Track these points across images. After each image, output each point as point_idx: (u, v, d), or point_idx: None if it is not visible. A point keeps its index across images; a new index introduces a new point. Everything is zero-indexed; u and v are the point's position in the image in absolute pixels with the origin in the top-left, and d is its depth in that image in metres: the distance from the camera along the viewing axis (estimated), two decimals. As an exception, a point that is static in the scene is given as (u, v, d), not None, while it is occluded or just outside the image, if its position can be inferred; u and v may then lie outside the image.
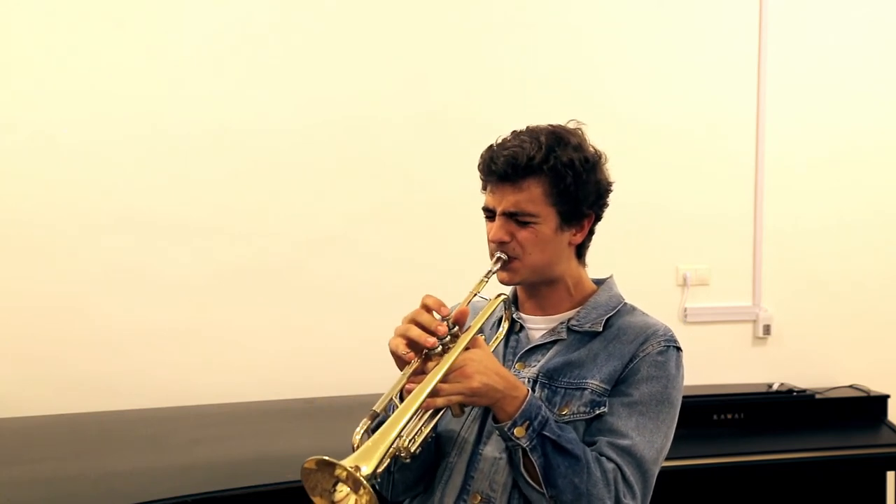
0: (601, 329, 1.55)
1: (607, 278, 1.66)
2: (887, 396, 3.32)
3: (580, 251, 1.60)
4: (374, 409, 1.34)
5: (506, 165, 1.48)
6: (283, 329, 3.18)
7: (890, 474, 3.28)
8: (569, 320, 1.57)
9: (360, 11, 3.20)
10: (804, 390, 3.30)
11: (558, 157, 1.47)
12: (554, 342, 1.57)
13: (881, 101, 3.67)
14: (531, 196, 1.48)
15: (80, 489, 2.20)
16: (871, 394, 3.33)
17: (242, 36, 3.11)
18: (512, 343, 1.60)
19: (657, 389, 1.50)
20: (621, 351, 1.52)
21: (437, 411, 1.40)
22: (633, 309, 1.62)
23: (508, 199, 1.49)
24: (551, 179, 1.48)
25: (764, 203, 3.59)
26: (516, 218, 1.50)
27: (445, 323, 1.40)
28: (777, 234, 3.61)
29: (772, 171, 3.58)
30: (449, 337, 1.40)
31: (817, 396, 3.28)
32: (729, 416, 3.18)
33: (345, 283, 3.21)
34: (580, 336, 1.56)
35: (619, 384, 1.50)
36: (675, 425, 1.54)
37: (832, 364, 3.56)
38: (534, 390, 1.51)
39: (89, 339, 3.01)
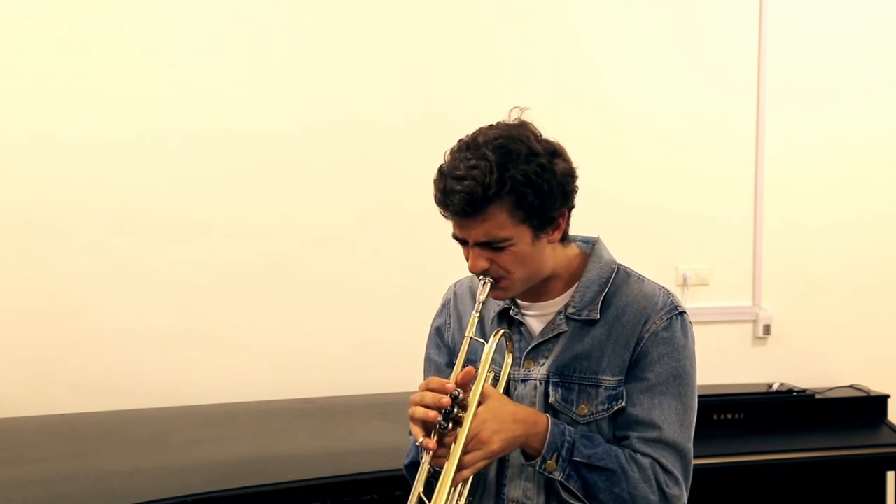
0: (598, 316, 1.52)
1: (594, 243, 1.60)
2: (887, 396, 3.32)
3: (562, 236, 1.55)
4: None
5: (462, 203, 1.41)
6: (283, 329, 3.18)
7: (890, 474, 3.28)
8: (566, 308, 1.54)
9: (361, 12, 3.20)
10: (804, 390, 3.29)
11: (513, 176, 1.39)
12: (557, 336, 1.54)
13: (881, 101, 3.67)
14: (498, 222, 1.42)
15: (80, 489, 2.20)
16: (871, 394, 3.33)
17: (242, 36, 3.12)
18: (515, 339, 1.57)
19: (671, 366, 1.50)
20: (626, 335, 1.51)
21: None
22: (628, 276, 1.57)
23: (477, 231, 1.44)
24: (514, 200, 1.41)
25: (764, 203, 3.58)
26: (491, 245, 1.45)
27: (448, 396, 1.38)
28: (777, 234, 3.60)
29: (772, 171, 3.58)
30: (457, 408, 1.39)
31: (817, 396, 3.28)
32: (729, 416, 3.18)
33: (344, 283, 3.21)
34: (581, 324, 1.53)
35: (631, 369, 1.50)
36: (696, 391, 1.54)
37: (832, 364, 3.56)
38: (547, 390, 1.51)
39: (89, 339, 3.01)
